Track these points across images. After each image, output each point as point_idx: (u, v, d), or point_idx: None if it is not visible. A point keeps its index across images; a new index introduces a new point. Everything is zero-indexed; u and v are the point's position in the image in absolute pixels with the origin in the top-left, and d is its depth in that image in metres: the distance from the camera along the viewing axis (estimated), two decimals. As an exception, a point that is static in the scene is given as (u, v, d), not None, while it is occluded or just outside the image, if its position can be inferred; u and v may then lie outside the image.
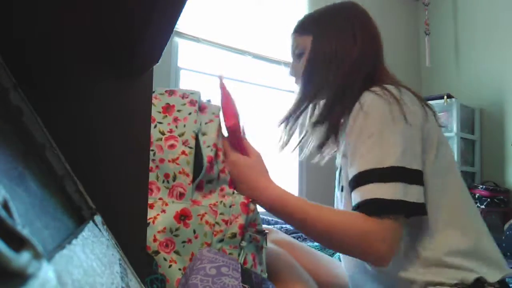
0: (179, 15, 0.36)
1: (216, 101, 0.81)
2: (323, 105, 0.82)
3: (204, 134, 0.74)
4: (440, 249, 0.71)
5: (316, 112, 0.86)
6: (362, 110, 0.72)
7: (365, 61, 0.81)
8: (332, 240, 0.70)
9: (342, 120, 0.81)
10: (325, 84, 0.81)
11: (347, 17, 0.85)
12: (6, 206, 0.13)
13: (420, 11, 3.41)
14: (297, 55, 0.89)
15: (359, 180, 0.69)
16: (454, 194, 0.76)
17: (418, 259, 0.72)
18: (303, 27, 0.88)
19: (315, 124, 0.82)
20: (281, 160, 2.42)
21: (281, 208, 0.72)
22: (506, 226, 2.42)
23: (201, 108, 0.78)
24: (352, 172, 0.71)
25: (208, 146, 0.73)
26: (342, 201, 0.82)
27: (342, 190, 0.82)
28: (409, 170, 0.68)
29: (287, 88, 2.55)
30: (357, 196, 0.68)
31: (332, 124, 0.80)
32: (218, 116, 0.78)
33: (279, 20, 2.48)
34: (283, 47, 2.45)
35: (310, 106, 0.86)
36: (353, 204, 0.69)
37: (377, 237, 0.65)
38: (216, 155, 0.75)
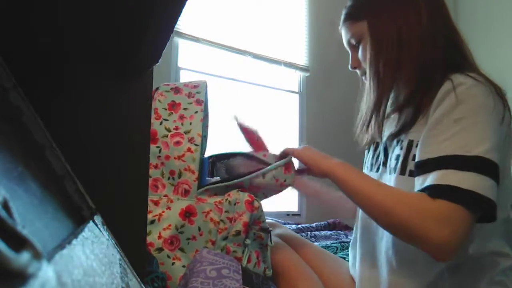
0: (179, 15, 0.36)
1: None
2: (405, 88, 0.75)
3: None
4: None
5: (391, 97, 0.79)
6: (454, 91, 0.65)
7: (436, 35, 0.73)
8: (389, 215, 0.62)
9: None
10: (400, 70, 0.73)
11: None
12: (6, 206, 0.13)
13: (420, 11, 3.41)
14: (354, 45, 0.81)
15: (434, 164, 0.62)
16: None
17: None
18: (355, 14, 0.80)
19: (402, 108, 0.75)
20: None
21: (344, 171, 0.71)
22: (506, 226, 2.41)
23: None
24: (426, 155, 0.64)
25: None
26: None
27: (390, 173, 0.75)
28: (494, 165, 0.60)
29: (287, 88, 2.54)
30: (427, 180, 0.62)
31: (419, 105, 0.72)
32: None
33: (279, 20, 2.47)
34: (283, 47, 2.45)
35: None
36: (419, 187, 0.63)
37: (442, 217, 0.58)
38: None
